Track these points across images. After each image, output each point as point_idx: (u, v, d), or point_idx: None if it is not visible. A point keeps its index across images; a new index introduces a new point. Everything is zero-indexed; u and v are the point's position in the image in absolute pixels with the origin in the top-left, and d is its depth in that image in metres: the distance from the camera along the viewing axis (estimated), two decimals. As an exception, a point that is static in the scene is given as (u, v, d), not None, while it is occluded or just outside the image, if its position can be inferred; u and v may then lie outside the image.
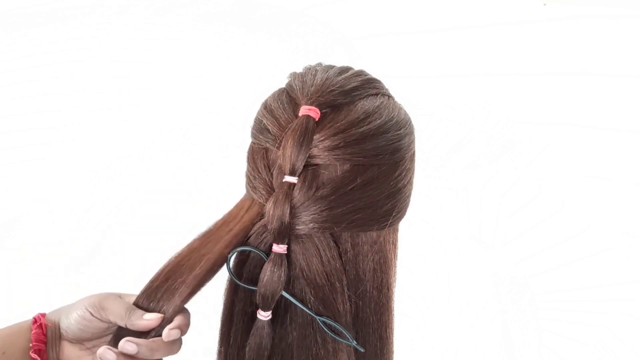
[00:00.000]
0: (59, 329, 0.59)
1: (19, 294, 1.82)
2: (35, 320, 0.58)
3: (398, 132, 0.53)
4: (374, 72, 0.59)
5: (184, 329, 0.56)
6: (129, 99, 2.64)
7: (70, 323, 0.58)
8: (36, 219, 2.09)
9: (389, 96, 0.57)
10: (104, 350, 0.53)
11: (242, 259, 0.54)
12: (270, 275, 0.50)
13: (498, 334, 1.74)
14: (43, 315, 0.60)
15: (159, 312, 0.55)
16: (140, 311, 0.55)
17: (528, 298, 1.84)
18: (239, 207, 0.56)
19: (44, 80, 2.74)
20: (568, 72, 2.80)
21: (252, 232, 0.53)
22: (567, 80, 2.75)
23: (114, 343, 0.55)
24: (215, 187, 2.09)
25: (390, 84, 0.60)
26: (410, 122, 0.56)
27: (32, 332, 0.57)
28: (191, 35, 3.06)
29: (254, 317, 0.53)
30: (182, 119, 2.55)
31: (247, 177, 0.55)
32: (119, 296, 0.59)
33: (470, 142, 2.44)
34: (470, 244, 2.01)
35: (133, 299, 0.57)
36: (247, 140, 0.58)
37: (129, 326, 0.55)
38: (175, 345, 0.56)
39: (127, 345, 0.53)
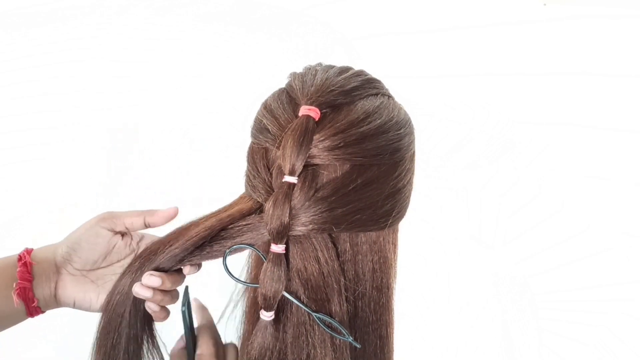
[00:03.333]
0: (55, 263, 0.59)
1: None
2: (20, 258, 0.58)
3: (398, 132, 0.53)
4: (374, 72, 0.59)
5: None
6: (129, 99, 2.64)
7: (77, 247, 0.58)
8: (36, 219, 2.09)
9: (389, 96, 0.57)
10: (148, 278, 0.53)
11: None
12: (270, 276, 0.50)
13: (498, 334, 1.74)
14: (29, 251, 0.59)
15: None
16: (154, 209, 0.59)
17: (528, 298, 1.84)
18: (234, 201, 0.57)
19: (44, 80, 2.74)
20: (568, 72, 2.80)
21: (247, 226, 0.53)
22: (567, 80, 2.75)
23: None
24: (215, 187, 2.09)
25: (390, 84, 0.60)
26: (410, 122, 0.56)
27: (17, 270, 0.56)
28: (191, 35, 3.06)
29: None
30: (182, 119, 2.55)
31: (247, 176, 0.56)
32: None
33: (470, 142, 2.44)
34: (470, 244, 2.01)
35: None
36: (247, 140, 0.58)
37: (149, 222, 0.58)
38: (174, 296, 0.58)
39: (151, 279, 0.53)
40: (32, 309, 0.58)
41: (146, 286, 0.53)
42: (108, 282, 0.61)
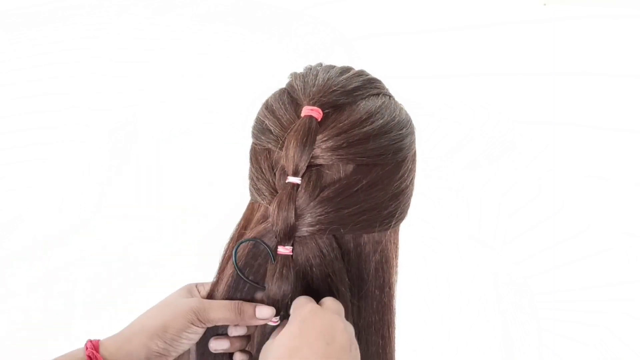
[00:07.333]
0: (145, 356, 0.52)
1: (20, 295, 1.82)
2: (89, 357, 0.50)
3: (400, 132, 0.53)
4: (374, 72, 0.59)
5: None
6: (129, 99, 2.64)
7: (176, 345, 0.52)
8: (36, 219, 2.09)
9: (390, 96, 0.57)
10: (216, 343, 0.54)
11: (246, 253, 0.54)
12: (279, 277, 0.50)
13: (498, 334, 1.74)
14: (96, 345, 0.51)
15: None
16: (249, 306, 0.52)
17: (528, 298, 1.84)
18: (249, 209, 0.56)
19: (44, 80, 2.73)
20: (568, 72, 2.80)
21: (256, 232, 0.53)
22: (567, 80, 2.75)
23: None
24: (215, 187, 2.09)
25: (390, 84, 0.60)
26: (411, 122, 0.56)
27: None
28: (191, 35, 3.06)
29: None
30: (182, 119, 2.55)
31: (251, 178, 0.55)
32: (194, 291, 0.57)
33: (470, 142, 2.44)
34: (470, 244, 2.01)
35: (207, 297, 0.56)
36: (247, 140, 0.58)
37: (243, 324, 0.54)
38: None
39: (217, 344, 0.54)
40: None
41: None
42: None
